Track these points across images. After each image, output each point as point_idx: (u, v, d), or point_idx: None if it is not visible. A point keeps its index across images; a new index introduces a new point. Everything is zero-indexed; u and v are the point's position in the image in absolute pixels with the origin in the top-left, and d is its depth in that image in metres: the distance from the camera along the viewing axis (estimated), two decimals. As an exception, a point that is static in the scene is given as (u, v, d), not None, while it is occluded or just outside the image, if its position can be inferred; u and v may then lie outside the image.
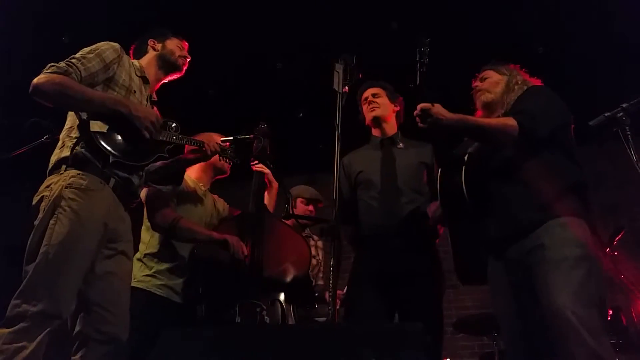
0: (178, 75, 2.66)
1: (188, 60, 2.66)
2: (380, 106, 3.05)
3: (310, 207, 3.90)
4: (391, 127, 3.09)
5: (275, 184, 3.11)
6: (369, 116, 3.06)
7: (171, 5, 4.15)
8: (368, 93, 3.08)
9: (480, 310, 4.75)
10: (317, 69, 3.32)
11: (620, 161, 2.29)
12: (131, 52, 2.63)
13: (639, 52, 4.49)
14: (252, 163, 2.97)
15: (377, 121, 3.05)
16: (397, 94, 3.15)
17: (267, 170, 3.04)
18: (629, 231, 4.24)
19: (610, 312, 3.67)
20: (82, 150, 2.15)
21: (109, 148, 2.14)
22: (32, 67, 2.19)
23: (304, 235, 3.77)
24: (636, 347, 3.72)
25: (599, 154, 4.76)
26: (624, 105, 2.17)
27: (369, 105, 3.06)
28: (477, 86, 2.53)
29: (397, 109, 3.12)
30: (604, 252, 3.90)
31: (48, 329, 1.91)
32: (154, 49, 2.59)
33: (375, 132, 3.10)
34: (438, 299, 2.77)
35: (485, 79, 2.53)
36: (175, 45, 2.63)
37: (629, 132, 2.14)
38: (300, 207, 3.88)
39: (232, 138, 2.94)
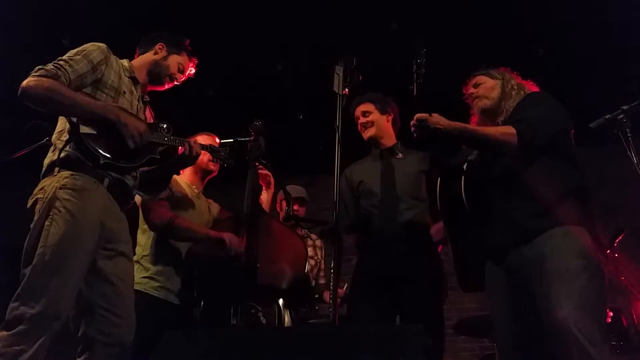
0: (158, 89, 2.60)
1: (175, 83, 2.59)
2: (373, 124, 3.07)
3: (295, 207, 3.89)
4: (389, 139, 3.12)
5: (272, 186, 3.12)
6: (364, 136, 3.12)
7: (172, 6, 4.15)
8: (358, 112, 3.11)
9: (481, 312, 4.73)
10: (317, 71, 3.32)
11: (620, 163, 2.29)
12: (139, 45, 2.59)
13: (639, 53, 4.49)
14: (257, 167, 2.95)
15: (374, 140, 3.10)
16: (388, 100, 3.15)
17: (268, 172, 3.03)
18: (629, 233, 4.24)
19: (611, 314, 3.67)
20: (74, 151, 2.14)
21: (98, 150, 2.13)
22: (32, 69, 2.17)
23: (302, 234, 3.77)
24: (637, 349, 3.72)
25: (599, 156, 4.75)
26: (625, 107, 2.17)
27: (361, 125, 3.10)
28: (472, 93, 2.51)
29: (391, 116, 3.14)
30: (605, 256, 3.88)
31: (48, 332, 1.90)
32: (156, 53, 2.54)
33: (374, 145, 3.15)
34: (439, 302, 2.78)
35: (479, 84, 2.50)
36: (176, 62, 2.55)
37: (629, 134, 2.14)
38: (283, 204, 3.88)
39: (231, 140, 2.94)
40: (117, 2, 4.14)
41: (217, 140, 3.05)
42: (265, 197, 3.13)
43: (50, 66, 2.14)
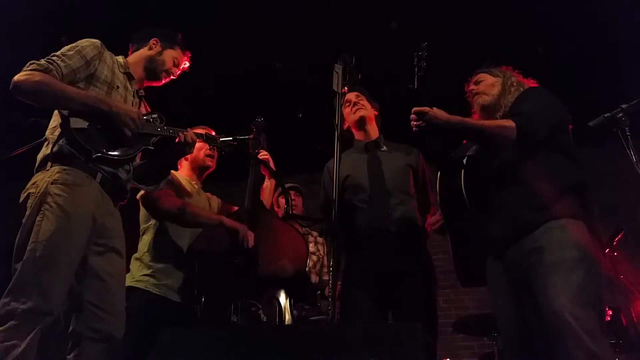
0: (156, 85, 2.60)
1: (172, 77, 2.60)
2: (365, 107, 3.07)
3: (291, 195, 3.89)
4: (374, 131, 3.11)
5: (273, 180, 3.11)
6: (354, 117, 3.06)
7: (172, 5, 4.15)
8: (350, 96, 3.07)
9: (480, 310, 4.75)
10: (316, 69, 3.32)
11: (619, 162, 2.29)
12: (132, 42, 2.60)
13: (639, 52, 4.49)
14: (257, 153, 2.92)
15: (362, 122, 3.06)
16: (374, 101, 3.16)
17: (269, 157, 3.01)
18: (628, 232, 4.24)
19: (610, 313, 3.67)
20: (66, 145, 2.13)
21: (90, 144, 2.13)
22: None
23: (303, 231, 3.77)
24: (636, 348, 3.72)
25: (598, 155, 4.76)
26: (624, 106, 2.17)
27: (353, 106, 3.06)
28: (472, 89, 2.52)
29: (376, 113, 3.14)
30: (604, 253, 3.89)
31: (39, 326, 1.90)
32: (151, 48, 2.55)
33: (359, 135, 3.11)
34: (431, 297, 2.77)
35: (480, 81, 2.52)
36: (171, 57, 2.56)
37: (628, 133, 2.14)
38: (281, 201, 3.88)
39: (231, 138, 2.94)
40: (117, 3, 4.14)
41: (213, 134, 3.05)
42: (267, 186, 3.12)
43: (42, 61, 2.15)
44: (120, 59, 2.46)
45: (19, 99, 2.10)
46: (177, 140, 2.51)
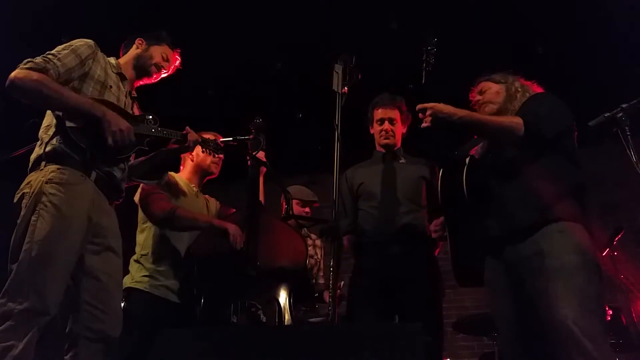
0: (149, 82, 2.60)
1: (164, 71, 2.59)
2: (394, 135, 3.08)
3: (307, 209, 3.91)
4: (395, 146, 3.13)
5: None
6: (380, 141, 3.11)
7: (171, 4, 4.15)
8: (385, 115, 3.09)
9: (480, 310, 4.75)
10: (316, 70, 3.32)
11: (619, 161, 2.29)
12: (122, 46, 2.61)
13: (639, 52, 4.49)
14: (254, 153, 2.92)
15: (386, 147, 3.11)
16: (409, 113, 3.13)
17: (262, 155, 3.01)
18: (628, 231, 4.24)
19: (610, 312, 3.68)
20: (60, 145, 2.13)
21: (85, 143, 2.12)
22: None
23: (302, 234, 3.76)
24: (636, 347, 3.73)
25: (598, 155, 4.75)
26: (624, 106, 2.17)
27: (383, 130, 3.08)
28: (478, 100, 2.52)
29: (405, 130, 3.16)
30: (603, 255, 3.90)
31: (37, 327, 1.90)
32: (137, 47, 2.56)
33: (380, 147, 3.15)
34: (437, 302, 2.80)
35: (484, 91, 2.51)
36: (159, 52, 2.56)
37: (628, 133, 2.14)
38: (296, 209, 3.87)
39: (232, 138, 2.94)
40: (117, 2, 4.13)
41: (220, 139, 3.05)
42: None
43: (39, 59, 2.14)
44: (112, 59, 2.47)
45: (14, 95, 2.08)
46: (178, 139, 2.53)
